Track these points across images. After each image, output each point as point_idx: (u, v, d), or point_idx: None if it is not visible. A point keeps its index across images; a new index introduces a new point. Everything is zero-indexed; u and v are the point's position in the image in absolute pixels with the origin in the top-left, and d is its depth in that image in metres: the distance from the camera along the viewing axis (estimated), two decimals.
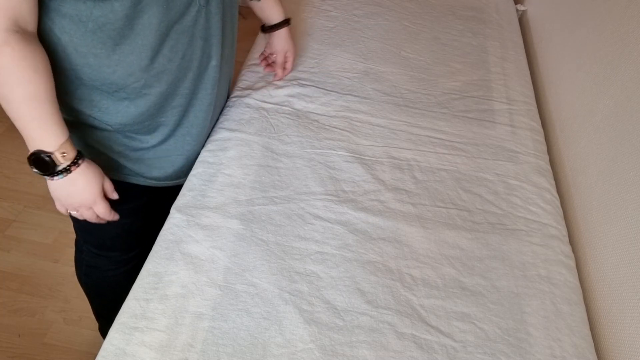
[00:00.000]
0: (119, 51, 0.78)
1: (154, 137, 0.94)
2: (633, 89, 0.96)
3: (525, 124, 1.24)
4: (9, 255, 1.62)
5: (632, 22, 1.03)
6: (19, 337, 1.44)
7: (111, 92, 0.83)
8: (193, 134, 0.99)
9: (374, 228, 0.95)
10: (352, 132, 1.14)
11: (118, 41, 0.77)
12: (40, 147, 0.75)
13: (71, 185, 0.80)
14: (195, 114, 0.97)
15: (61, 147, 0.76)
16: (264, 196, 0.97)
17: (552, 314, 0.86)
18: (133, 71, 0.81)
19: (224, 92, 1.09)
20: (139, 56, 0.80)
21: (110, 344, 0.74)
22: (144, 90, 0.85)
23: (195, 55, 0.88)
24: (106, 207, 0.87)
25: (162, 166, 0.99)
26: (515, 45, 1.53)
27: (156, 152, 0.97)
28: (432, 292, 0.87)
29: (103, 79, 0.80)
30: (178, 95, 0.91)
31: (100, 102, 0.84)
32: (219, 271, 0.84)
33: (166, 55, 0.83)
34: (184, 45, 0.85)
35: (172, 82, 0.87)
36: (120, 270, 1.15)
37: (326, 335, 0.79)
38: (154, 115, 0.90)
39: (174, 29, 0.81)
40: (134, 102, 0.86)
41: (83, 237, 1.12)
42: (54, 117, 0.75)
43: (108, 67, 0.79)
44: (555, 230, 1.00)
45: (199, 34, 0.86)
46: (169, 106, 0.91)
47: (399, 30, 1.50)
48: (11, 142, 1.98)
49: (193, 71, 0.90)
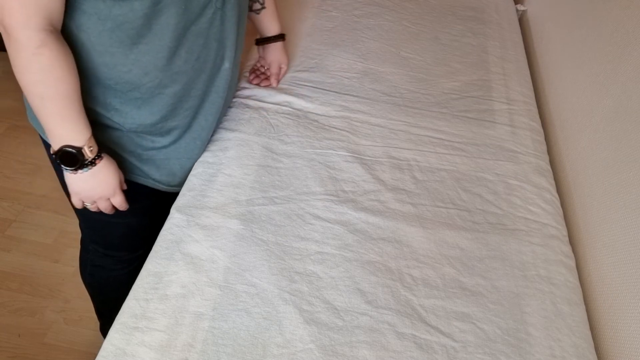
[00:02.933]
0: (136, 51, 0.78)
1: (165, 138, 0.95)
2: (633, 89, 0.96)
3: (525, 124, 1.24)
4: (9, 255, 1.62)
5: (632, 22, 1.03)
6: (19, 337, 1.44)
7: (125, 92, 0.84)
8: (203, 137, 1.00)
9: (374, 228, 0.95)
10: (351, 132, 1.14)
11: (136, 40, 0.77)
12: (69, 142, 0.78)
13: (94, 178, 0.83)
14: (206, 117, 0.97)
15: (88, 141, 0.80)
16: (264, 196, 0.97)
17: (552, 314, 0.86)
18: (149, 71, 0.82)
19: (231, 95, 1.09)
20: (155, 56, 0.80)
21: (110, 344, 0.74)
22: (157, 90, 0.85)
23: (209, 57, 0.89)
24: (123, 197, 0.90)
25: (172, 168, 1.00)
26: (515, 45, 1.53)
27: (167, 153, 0.97)
28: (432, 292, 0.87)
29: (118, 77, 0.81)
30: (191, 97, 0.91)
31: (114, 101, 0.85)
32: (219, 271, 0.84)
33: (182, 56, 0.83)
34: (199, 47, 0.85)
35: (185, 83, 0.88)
36: (125, 271, 1.15)
37: (326, 335, 0.79)
38: (167, 117, 0.91)
39: (190, 30, 0.82)
40: (147, 102, 0.86)
41: (90, 237, 1.12)
42: (82, 114, 0.79)
43: (124, 67, 0.80)
44: (555, 230, 1.00)
45: (213, 36, 0.87)
46: (181, 108, 0.92)
47: (399, 31, 1.50)
48: (11, 142, 1.98)
49: (206, 73, 0.91)
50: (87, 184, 0.83)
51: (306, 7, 1.54)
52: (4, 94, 2.15)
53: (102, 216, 1.01)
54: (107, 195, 0.87)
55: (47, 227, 1.72)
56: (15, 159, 1.92)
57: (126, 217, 1.03)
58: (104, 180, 0.84)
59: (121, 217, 1.03)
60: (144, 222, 1.08)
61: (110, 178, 0.85)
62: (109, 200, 0.88)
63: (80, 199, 0.86)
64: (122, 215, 1.03)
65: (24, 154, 1.93)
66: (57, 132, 0.78)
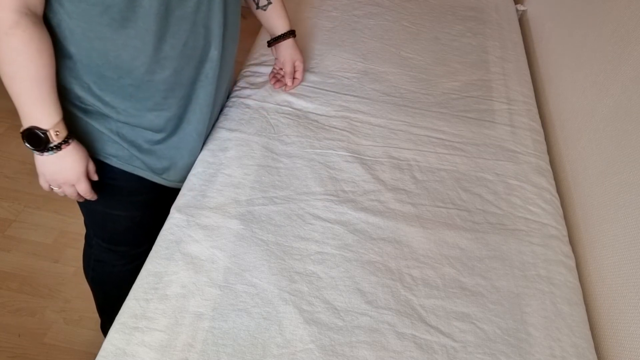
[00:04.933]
0: (123, 35, 0.80)
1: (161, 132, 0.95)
2: (633, 89, 0.96)
3: (525, 124, 1.24)
4: (9, 255, 1.62)
5: (632, 22, 1.03)
6: (19, 337, 1.44)
7: (116, 79, 0.85)
8: (200, 130, 1.00)
9: (374, 228, 0.95)
10: (351, 132, 1.14)
11: (122, 24, 0.79)
12: (36, 124, 0.80)
13: (59, 163, 0.85)
14: (201, 107, 0.98)
15: (56, 126, 0.81)
16: (264, 196, 0.97)
17: (552, 314, 0.86)
18: (136, 56, 0.83)
19: (225, 89, 1.09)
20: (142, 40, 0.81)
21: (110, 344, 0.74)
22: (147, 77, 0.86)
23: (198, 44, 0.89)
24: (87, 186, 0.90)
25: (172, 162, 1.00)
26: (515, 45, 1.53)
27: (166, 145, 0.98)
28: (432, 292, 0.87)
29: (108, 63, 0.82)
30: (182, 85, 0.92)
31: (107, 89, 0.86)
32: (219, 271, 0.84)
33: (168, 41, 0.84)
34: (186, 32, 0.86)
35: (174, 70, 0.88)
36: (128, 267, 1.16)
37: (326, 335, 0.79)
38: (159, 106, 0.91)
39: (175, 14, 0.82)
40: (138, 89, 0.87)
41: (93, 231, 1.13)
42: (52, 98, 0.80)
43: (113, 51, 0.81)
44: (555, 230, 1.00)
45: (200, 22, 0.87)
46: (173, 97, 0.92)
47: (399, 31, 1.50)
48: (11, 142, 1.98)
49: (195, 59, 0.91)
50: (52, 167, 0.85)
51: (306, 7, 1.54)
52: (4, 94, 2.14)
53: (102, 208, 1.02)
54: (71, 181, 0.88)
55: (47, 227, 1.72)
56: (15, 159, 1.92)
57: (127, 210, 1.04)
58: (69, 166, 0.86)
59: (122, 209, 1.04)
60: (146, 216, 1.08)
61: (76, 164, 0.86)
62: (74, 186, 0.89)
63: (46, 180, 0.88)
64: (123, 208, 1.04)
65: (24, 154, 1.93)
66: (25, 112, 0.79)
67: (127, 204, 1.03)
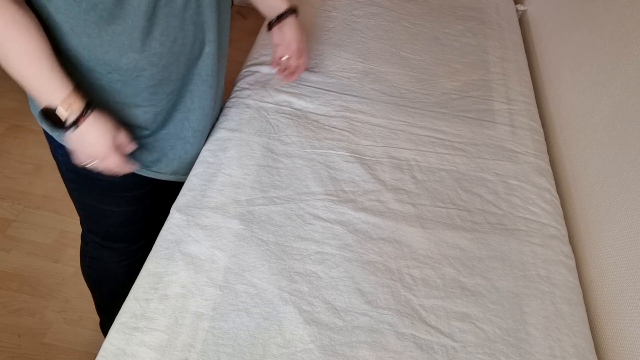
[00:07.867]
0: (110, 31, 0.79)
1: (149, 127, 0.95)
2: (633, 89, 0.96)
3: (525, 124, 1.24)
4: (9, 255, 1.62)
5: (632, 22, 1.03)
6: (19, 337, 1.44)
7: (105, 74, 0.84)
8: (191, 119, 0.99)
9: (374, 228, 0.95)
10: (351, 132, 1.14)
11: (110, 21, 0.78)
12: (47, 102, 0.77)
13: (82, 138, 0.82)
14: (192, 99, 0.97)
15: (65, 99, 0.78)
16: (264, 196, 0.97)
17: (552, 314, 0.86)
18: (125, 52, 0.82)
19: (222, 87, 1.08)
20: (129, 37, 0.81)
21: (110, 344, 0.74)
22: (135, 72, 0.85)
23: (187, 41, 0.89)
24: (118, 160, 0.87)
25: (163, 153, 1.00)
26: (515, 45, 1.53)
27: (156, 137, 0.97)
28: (432, 292, 0.87)
29: (97, 59, 0.82)
30: (171, 81, 0.91)
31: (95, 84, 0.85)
32: (219, 271, 0.84)
33: (157, 38, 0.84)
34: (175, 29, 0.85)
35: (164, 66, 0.88)
36: (123, 264, 1.16)
37: (326, 335, 0.79)
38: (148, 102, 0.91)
39: (163, 11, 0.82)
40: (127, 84, 0.86)
41: (88, 227, 1.13)
42: (54, 72, 0.76)
43: (101, 47, 0.80)
44: (555, 230, 1.00)
45: (190, 19, 0.86)
46: (162, 93, 0.91)
47: (399, 31, 1.50)
48: (11, 142, 1.98)
49: (185, 56, 0.90)
50: (77, 144, 0.83)
51: (306, 7, 1.54)
52: (4, 94, 2.15)
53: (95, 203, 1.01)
54: (99, 156, 0.85)
55: (47, 227, 1.72)
56: (15, 159, 1.92)
57: (121, 205, 1.04)
58: (94, 141, 0.83)
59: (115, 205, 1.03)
60: (140, 211, 1.08)
61: (101, 139, 0.83)
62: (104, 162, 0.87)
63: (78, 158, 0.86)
64: (116, 203, 1.03)
65: (24, 154, 1.93)
66: (35, 95, 0.77)
67: (119, 200, 1.03)
